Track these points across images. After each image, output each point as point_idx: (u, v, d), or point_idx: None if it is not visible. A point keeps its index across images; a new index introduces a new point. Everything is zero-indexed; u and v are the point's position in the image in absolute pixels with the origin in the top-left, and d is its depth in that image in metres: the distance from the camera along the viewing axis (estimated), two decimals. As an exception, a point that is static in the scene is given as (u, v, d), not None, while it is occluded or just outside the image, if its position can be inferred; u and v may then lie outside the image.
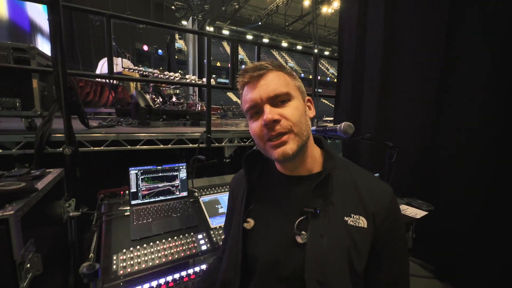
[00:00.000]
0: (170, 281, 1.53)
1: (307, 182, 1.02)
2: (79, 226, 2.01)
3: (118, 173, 2.44)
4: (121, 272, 1.53)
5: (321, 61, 40.67)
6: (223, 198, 2.32)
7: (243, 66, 1.48)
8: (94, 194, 2.17)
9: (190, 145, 2.88)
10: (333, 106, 3.84)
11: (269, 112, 0.92)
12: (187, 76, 6.30)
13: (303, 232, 0.94)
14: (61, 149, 2.09)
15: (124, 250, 1.66)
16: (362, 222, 0.93)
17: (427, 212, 2.03)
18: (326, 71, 40.59)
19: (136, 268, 1.57)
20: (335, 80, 4.03)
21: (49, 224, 1.60)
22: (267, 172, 1.16)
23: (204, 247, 1.82)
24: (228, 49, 34.14)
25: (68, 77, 1.95)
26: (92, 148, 2.38)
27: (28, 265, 1.16)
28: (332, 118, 5.25)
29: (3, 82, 2.13)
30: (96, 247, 1.73)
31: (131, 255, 1.64)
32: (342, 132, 1.62)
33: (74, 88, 2.31)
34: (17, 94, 2.16)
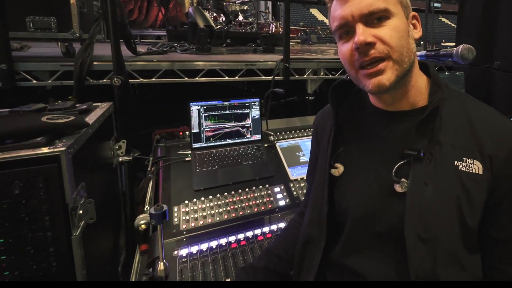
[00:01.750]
0: (241, 239, 1.62)
1: (409, 119, 1.04)
2: (129, 174, 2.18)
3: (173, 111, 2.54)
4: (184, 226, 1.65)
5: (442, -38, 37.50)
6: (306, 144, 2.33)
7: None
8: (146, 137, 2.30)
9: (263, 77, 2.86)
10: (455, 26, 3.61)
11: (362, 33, 0.92)
12: (257, -13, 6.19)
13: (403, 179, 0.97)
14: (105, 80, 2.22)
15: (187, 202, 1.77)
16: (477, 167, 0.93)
17: None
18: (448, -24, 37.43)
19: (201, 223, 1.68)
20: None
21: (99, 168, 1.75)
22: (359, 106, 1.20)
23: (282, 202, 1.88)
24: (310, -50, 32.79)
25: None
26: (141, 79, 2.45)
27: (81, 211, 1.28)
28: (453, 44, 4.93)
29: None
30: (153, 197, 1.87)
31: (195, 207, 1.75)
32: (459, 58, 1.61)
33: (119, 3, 2.36)
34: (51, 12, 2.21)
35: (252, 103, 2.29)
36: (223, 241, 1.60)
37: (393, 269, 0.99)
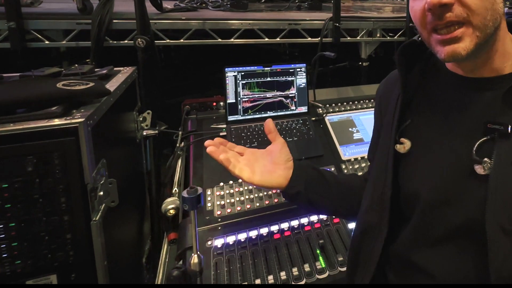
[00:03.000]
0: (285, 229, 1.59)
1: (493, 87, 1.00)
2: (155, 151, 2.16)
3: (205, 78, 2.51)
4: (219, 213, 1.63)
5: None
6: (360, 118, 2.29)
7: None
8: (174, 107, 2.28)
9: (309, 38, 2.82)
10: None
11: None
12: None
13: (485, 159, 0.92)
14: (127, 40, 2.20)
15: (222, 184, 1.74)
16: None
17: None
18: None
19: (239, 209, 1.66)
20: None
21: (121, 143, 1.73)
22: (433, 72, 1.16)
23: (332, 187, 1.84)
24: None
25: None
26: (168, 41, 2.44)
27: (101, 193, 1.27)
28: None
29: None
30: (182, 178, 1.85)
31: (231, 191, 1.72)
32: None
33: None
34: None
35: (298, 69, 2.24)
36: (264, 230, 1.57)
37: (470, 268, 0.95)
